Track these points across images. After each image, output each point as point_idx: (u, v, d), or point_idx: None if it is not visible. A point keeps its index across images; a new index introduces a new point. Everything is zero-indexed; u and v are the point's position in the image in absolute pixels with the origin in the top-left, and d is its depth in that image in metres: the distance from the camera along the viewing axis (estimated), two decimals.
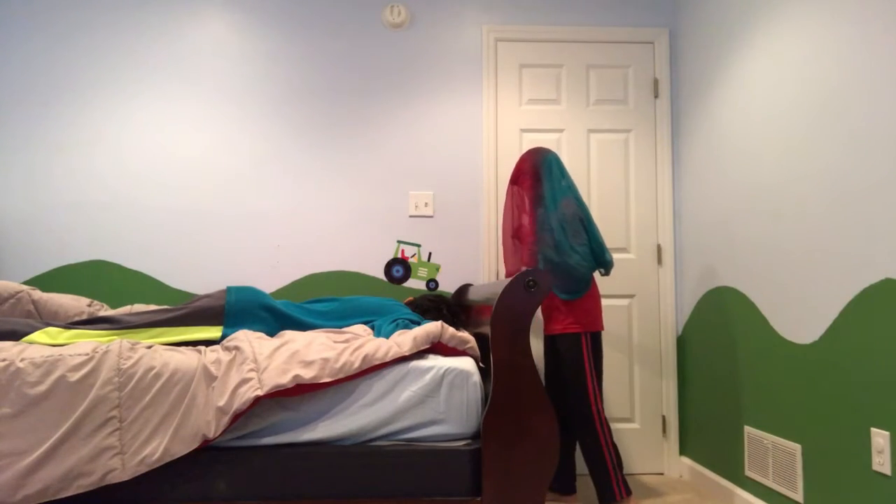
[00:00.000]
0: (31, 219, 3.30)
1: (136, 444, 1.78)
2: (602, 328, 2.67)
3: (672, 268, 3.41)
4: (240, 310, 2.29)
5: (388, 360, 1.93)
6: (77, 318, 2.54)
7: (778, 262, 2.50)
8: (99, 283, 3.26)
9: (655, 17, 3.53)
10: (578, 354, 2.59)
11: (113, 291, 3.24)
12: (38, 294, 2.56)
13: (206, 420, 1.80)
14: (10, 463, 1.72)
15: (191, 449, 1.79)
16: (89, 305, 2.68)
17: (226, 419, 1.78)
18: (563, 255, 2.55)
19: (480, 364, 2.20)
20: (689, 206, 3.30)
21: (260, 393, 1.79)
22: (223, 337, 2.18)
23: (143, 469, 1.77)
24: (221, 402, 1.80)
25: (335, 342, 2.06)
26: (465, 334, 2.17)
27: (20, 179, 3.29)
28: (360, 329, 2.36)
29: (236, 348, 1.96)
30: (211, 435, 1.79)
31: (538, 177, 2.68)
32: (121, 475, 1.75)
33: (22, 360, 1.81)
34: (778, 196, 2.51)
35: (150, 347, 1.95)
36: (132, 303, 3.16)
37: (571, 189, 2.66)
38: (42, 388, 1.78)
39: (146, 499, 1.82)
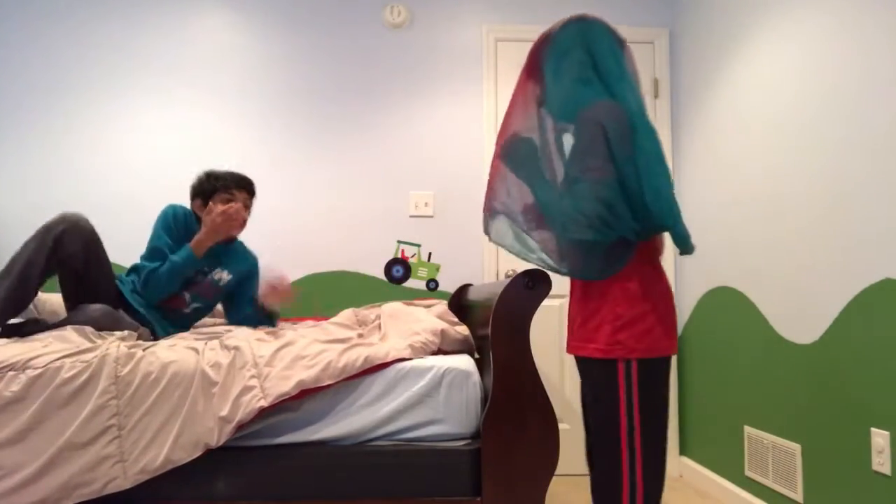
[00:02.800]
0: (31, 219, 3.29)
1: (137, 452, 1.76)
2: (669, 350, 1.60)
3: (672, 268, 3.41)
4: None
5: (388, 360, 1.93)
6: None
7: (778, 262, 2.50)
8: None
9: (655, 17, 3.53)
10: (612, 398, 1.58)
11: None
12: (37, 294, 2.55)
13: (207, 427, 1.79)
14: (7, 474, 1.70)
15: (193, 457, 1.78)
16: None
17: (229, 428, 1.77)
18: (564, 195, 1.56)
19: (476, 355, 2.21)
20: (688, 205, 3.30)
21: (264, 404, 1.78)
22: None
23: (145, 477, 1.75)
24: (224, 412, 1.78)
25: (336, 339, 2.07)
26: (460, 333, 2.17)
27: (20, 179, 3.29)
28: (349, 312, 2.38)
29: (236, 348, 1.95)
30: (214, 444, 1.77)
31: (543, 59, 1.66)
32: (122, 483, 1.74)
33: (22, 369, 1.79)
34: (778, 196, 2.51)
35: (146, 350, 1.93)
36: None
37: (620, 81, 1.60)
38: (40, 398, 1.75)
39: (145, 499, 1.82)
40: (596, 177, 1.50)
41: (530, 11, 3.50)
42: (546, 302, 3.22)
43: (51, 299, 2.58)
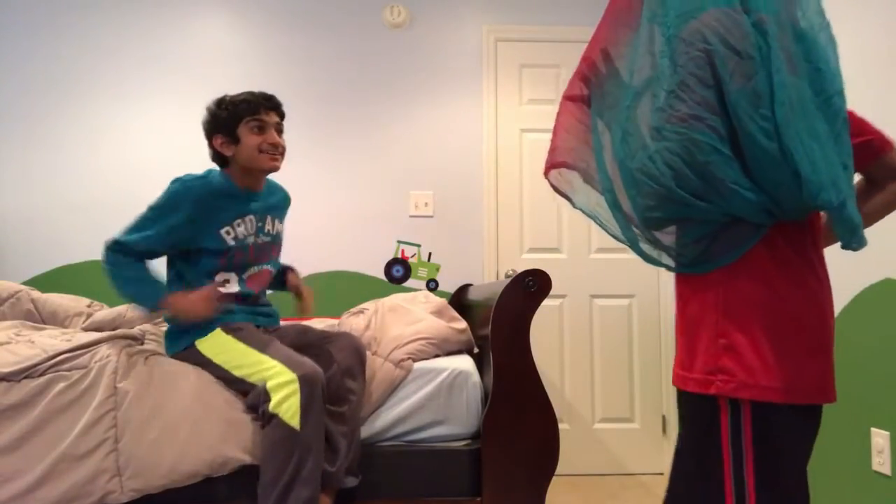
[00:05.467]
0: (32, 218, 3.29)
1: (133, 469, 1.71)
2: (822, 397, 1.03)
3: None
4: None
5: (398, 383, 1.95)
6: (76, 318, 2.53)
7: None
8: (99, 283, 3.24)
9: None
10: (709, 449, 1.03)
11: (113, 292, 3.23)
12: (36, 293, 2.55)
13: (206, 459, 1.74)
14: (6, 481, 1.67)
15: (192, 482, 1.74)
16: (89, 306, 2.67)
17: (232, 461, 1.75)
18: (638, 152, 1.04)
19: (475, 349, 2.21)
20: None
21: None
22: None
23: (142, 494, 1.72)
24: (228, 442, 1.77)
25: None
26: (459, 334, 2.17)
27: (20, 179, 3.29)
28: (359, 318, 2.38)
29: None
30: (214, 473, 1.75)
31: None
32: (119, 497, 1.70)
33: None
34: None
35: (147, 359, 1.87)
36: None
37: None
38: (38, 406, 1.72)
39: (143, 499, 1.81)
40: (683, 126, 0.97)
41: (530, 11, 3.49)
42: (546, 302, 3.22)
43: (51, 299, 2.57)
